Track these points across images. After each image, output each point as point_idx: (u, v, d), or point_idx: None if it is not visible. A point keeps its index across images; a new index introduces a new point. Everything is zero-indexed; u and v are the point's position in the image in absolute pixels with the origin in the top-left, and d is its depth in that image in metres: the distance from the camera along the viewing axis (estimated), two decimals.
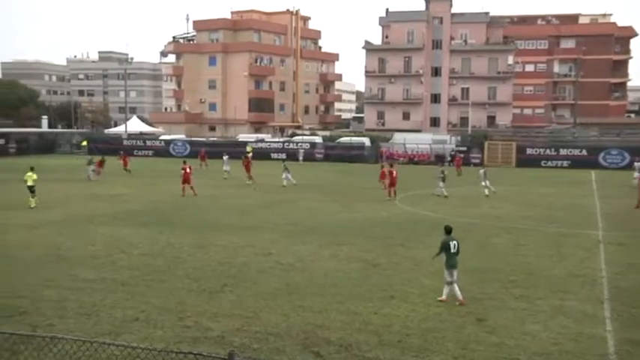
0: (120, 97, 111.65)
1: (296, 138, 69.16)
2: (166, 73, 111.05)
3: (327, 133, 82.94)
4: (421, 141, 60.51)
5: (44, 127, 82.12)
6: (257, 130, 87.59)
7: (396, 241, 20.31)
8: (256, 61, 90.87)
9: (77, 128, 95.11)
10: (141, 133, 77.50)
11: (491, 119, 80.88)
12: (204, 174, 43.03)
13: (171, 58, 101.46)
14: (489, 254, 18.55)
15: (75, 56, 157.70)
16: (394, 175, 31.81)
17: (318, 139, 66.48)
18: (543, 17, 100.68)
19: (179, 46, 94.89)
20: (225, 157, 43.49)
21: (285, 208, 28.09)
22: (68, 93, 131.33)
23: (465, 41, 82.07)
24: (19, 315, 12.14)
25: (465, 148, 57.89)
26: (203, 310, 12.62)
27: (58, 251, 18.06)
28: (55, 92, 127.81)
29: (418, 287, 14.57)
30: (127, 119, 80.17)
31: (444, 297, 13.49)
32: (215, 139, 73.13)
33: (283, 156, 60.34)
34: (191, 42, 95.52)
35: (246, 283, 14.77)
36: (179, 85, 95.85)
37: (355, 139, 64.77)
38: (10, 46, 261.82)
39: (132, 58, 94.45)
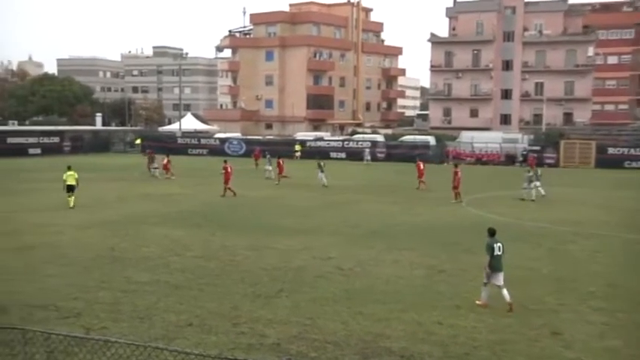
0: (174, 94, 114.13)
1: (356, 136, 69.14)
2: (222, 69, 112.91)
3: (389, 131, 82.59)
4: (490, 140, 59.50)
5: (98, 124, 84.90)
6: (315, 128, 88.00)
7: (463, 246, 20.03)
8: (315, 56, 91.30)
9: (131, 126, 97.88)
10: (195, 131, 79.03)
11: (568, 116, 78.70)
12: (259, 174, 43.54)
13: (227, 53, 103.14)
14: (565, 262, 18.08)
15: (129, 52, 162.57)
16: (458, 175, 31.44)
17: (379, 138, 66.28)
18: (630, 3, 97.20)
19: (235, 41, 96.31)
20: (267, 156, 44.01)
21: (344, 209, 28.12)
22: (122, 90, 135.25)
23: (540, 32, 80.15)
24: (74, 317, 12.60)
25: (538, 148, 56.56)
26: (258, 316, 12.78)
27: (111, 252, 18.64)
28: (109, 89, 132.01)
29: None
30: (181, 117, 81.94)
31: (482, 301, 13.64)
32: (271, 137, 73.90)
33: (343, 155, 60.57)
34: (248, 36, 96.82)
35: (303, 289, 14.87)
36: (235, 81, 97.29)
37: (419, 138, 64.22)
38: (67, 42, 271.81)
39: (187, 53, 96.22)
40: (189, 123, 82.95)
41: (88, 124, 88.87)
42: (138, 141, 69.36)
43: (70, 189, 27.67)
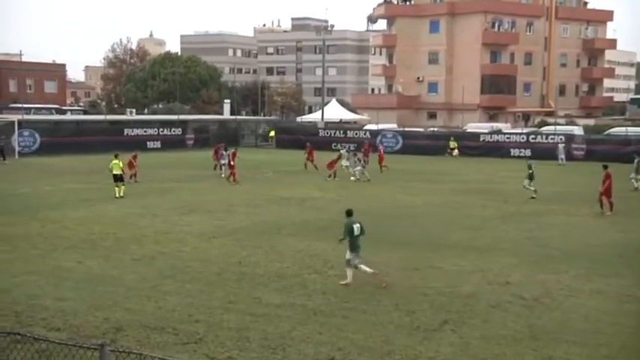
0: (316, 76, 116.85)
1: (545, 128, 67.12)
2: (374, 44, 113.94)
3: (590, 121, 79.52)
4: None
5: (226, 113, 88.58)
6: (491, 118, 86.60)
7: None
8: (493, 26, 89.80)
9: (264, 115, 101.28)
10: (341, 122, 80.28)
11: None
12: (424, 175, 43.42)
13: (382, 24, 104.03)
14: None
15: (264, 25, 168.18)
16: (610, 180, 30.03)
17: (577, 130, 63.94)
18: None
19: (392, 9, 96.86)
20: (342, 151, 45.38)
21: (529, 222, 27.41)
22: (255, 71, 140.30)
23: None
24: (195, 343, 13.22)
25: None
26: (416, 353, 12.75)
27: (239, 267, 19.35)
28: (240, 70, 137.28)
29: None
30: (323, 103, 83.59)
31: (378, 276, 17.23)
32: (435, 129, 73.49)
33: (527, 152, 59.01)
34: (407, 3, 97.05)
35: (473, 321, 14.68)
36: (390, 59, 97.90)
37: (633, 130, 61.23)
38: (192, 16, 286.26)
39: (332, 26, 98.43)
40: (334, 111, 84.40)
41: (215, 112, 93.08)
42: (272, 133, 71.55)
43: (117, 178, 32.59)
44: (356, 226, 17.51)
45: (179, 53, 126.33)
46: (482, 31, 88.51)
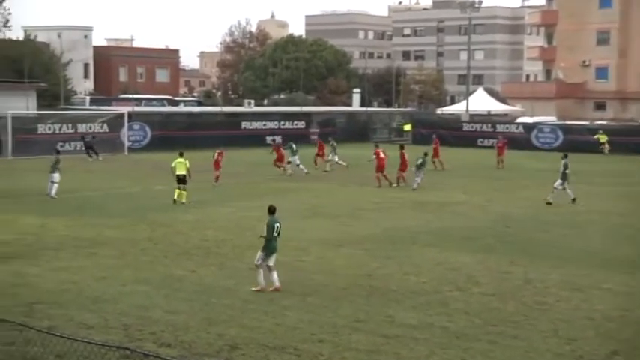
0: (460, 61, 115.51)
1: None
2: (530, 23, 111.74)
3: None
4: None
5: (355, 104, 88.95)
6: None
7: None
8: None
9: (399, 106, 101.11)
10: (489, 114, 79.14)
11: None
12: (587, 177, 42.29)
13: None
14: None
15: (400, 3, 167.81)
16: None
17: None
18: None
19: None
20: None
21: None
22: (389, 56, 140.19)
23: None
24: None
25: None
26: None
27: (369, 280, 19.42)
28: (372, 55, 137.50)
29: None
30: (468, 92, 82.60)
31: (259, 286, 18.04)
32: (604, 122, 71.40)
33: None
34: None
35: None
36: (549, 40, 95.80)
37: None
38: None
39: (480, 2, 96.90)
40: (481, 102, 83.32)
41: (343, 102, 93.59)
42: (407, 127, 71.18)
43: (181, 180, 31.75)
44: (276, 226, 18.35)
45: (303, 36, 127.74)
46: None
